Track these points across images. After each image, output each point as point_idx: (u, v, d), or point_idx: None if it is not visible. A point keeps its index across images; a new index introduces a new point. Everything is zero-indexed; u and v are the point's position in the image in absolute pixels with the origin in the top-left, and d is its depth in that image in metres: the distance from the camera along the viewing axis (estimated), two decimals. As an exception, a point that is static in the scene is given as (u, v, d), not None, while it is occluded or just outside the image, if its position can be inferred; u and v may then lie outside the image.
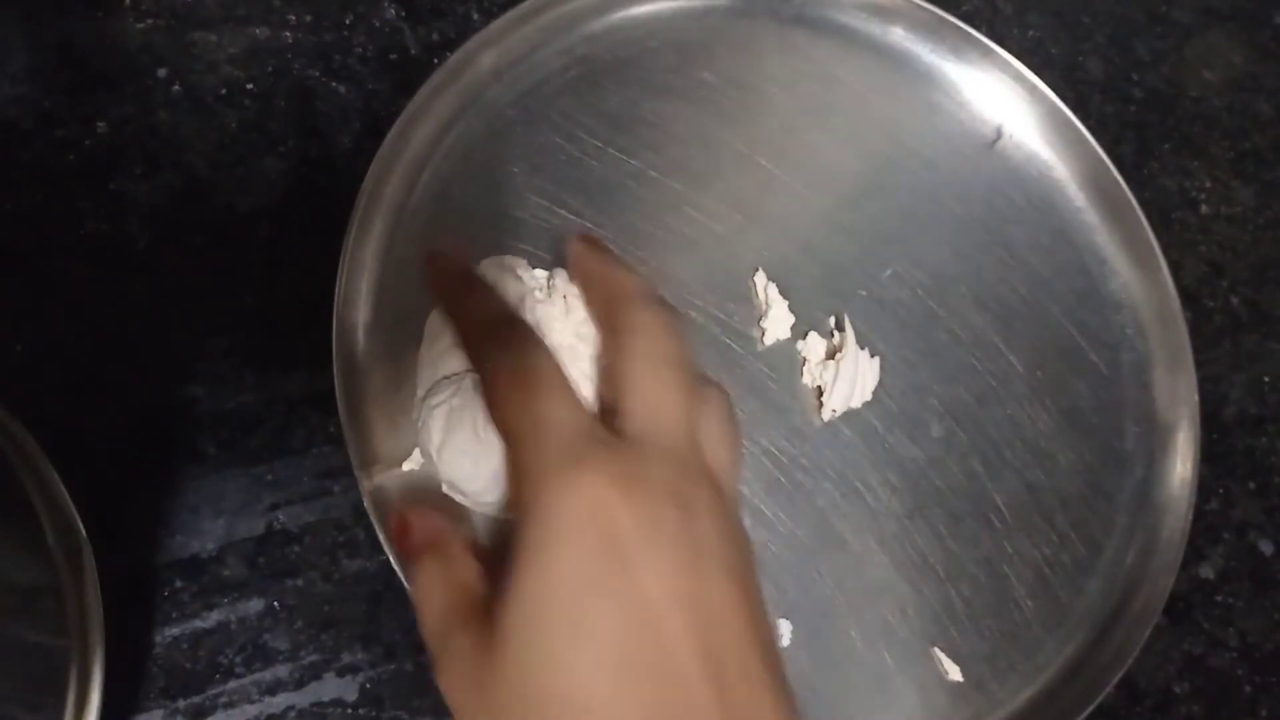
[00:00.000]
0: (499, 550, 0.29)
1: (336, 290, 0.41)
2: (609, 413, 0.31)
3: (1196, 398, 0.47)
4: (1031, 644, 0.44)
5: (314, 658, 0.41)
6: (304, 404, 0.44)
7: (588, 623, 0.26)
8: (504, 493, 0.34)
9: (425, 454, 0.36)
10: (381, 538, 0.39)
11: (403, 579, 0.37)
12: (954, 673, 0.42)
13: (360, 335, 0.42)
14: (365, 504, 0.39)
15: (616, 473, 0.27)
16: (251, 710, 0.41)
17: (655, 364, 0.30)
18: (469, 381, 0.34)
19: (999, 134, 0.51)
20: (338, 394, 0.40)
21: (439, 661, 0.29)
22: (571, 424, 0.29)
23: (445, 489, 0.35)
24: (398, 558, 0.37)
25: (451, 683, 0.28)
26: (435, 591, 0.30)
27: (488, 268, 0.37)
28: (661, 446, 0.29)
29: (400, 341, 0.43)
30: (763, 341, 0.46)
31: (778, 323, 0.45)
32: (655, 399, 0.30)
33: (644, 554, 0.27)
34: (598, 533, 0.27)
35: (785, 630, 0.42)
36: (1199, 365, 0.49)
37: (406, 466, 0.41)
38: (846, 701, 0.41)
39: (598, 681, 0.26)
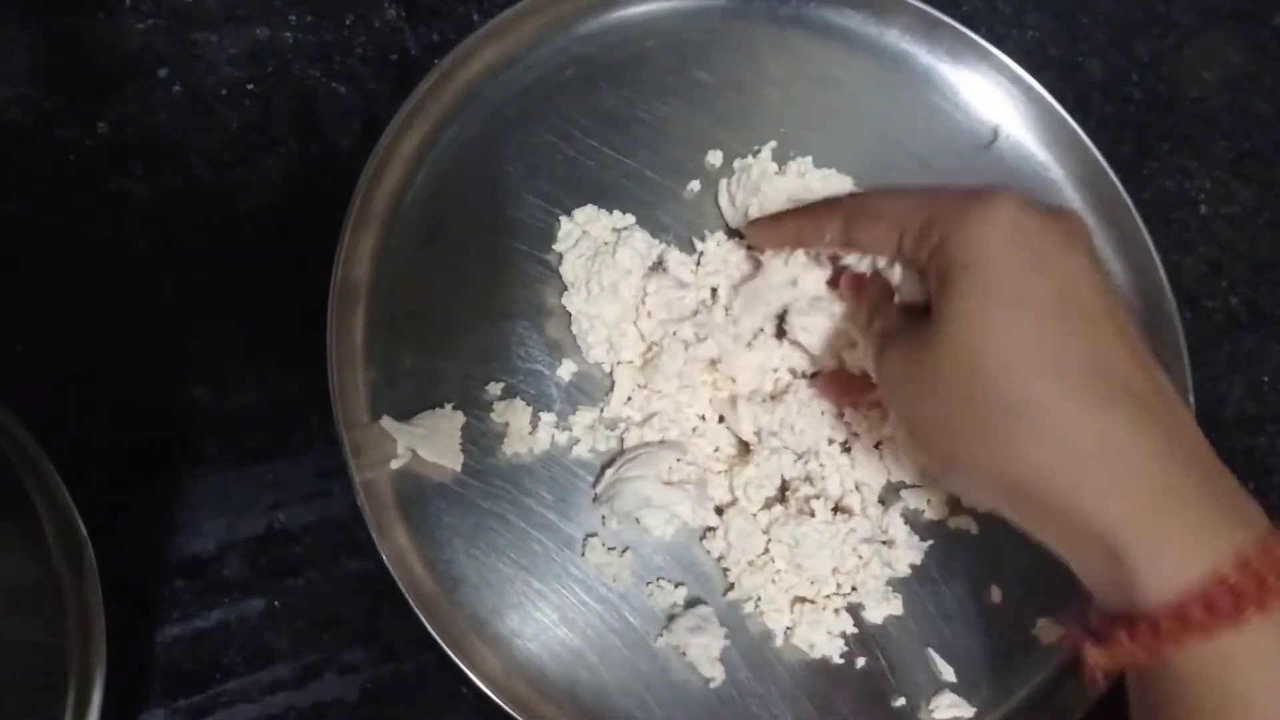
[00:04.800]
0: None
1: (331, 287, 0.41)
2: None
3: (1191, 398, 0.47)
4: (1026, 644, 0.44)
5: (314, 657, 0.42)
6: (304, 404, 0.44)
7: (1025, 296, 0.33)
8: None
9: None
10: (375, 535, 0.39)
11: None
12: (948, 673, 0.42)
13: (357, 333, 0.43)
14: (359, 501, 0.39)
15: (1018, 198, 0.34)
16: (252, 709, 0.41)
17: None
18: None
19: (995, 135, 0.51)
20: (331, 391, 0.40)
21: (880, 359, 0.37)
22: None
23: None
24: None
25: (890, 370, 0.37)
26: (872, 313, 0.39)
27: None
28: None
29: (396, 338, 0.43)
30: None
31: None
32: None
33: (1059, 250, 0.33)
34: (1018, 238, 0.33)
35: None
36: (1198, 365, 0.49)
37: (395, 465, 0.41)
38: (841, 703, 0.42)
39: (1031, 342, 0.32)
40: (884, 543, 0.43)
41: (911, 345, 0.35)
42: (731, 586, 0.42)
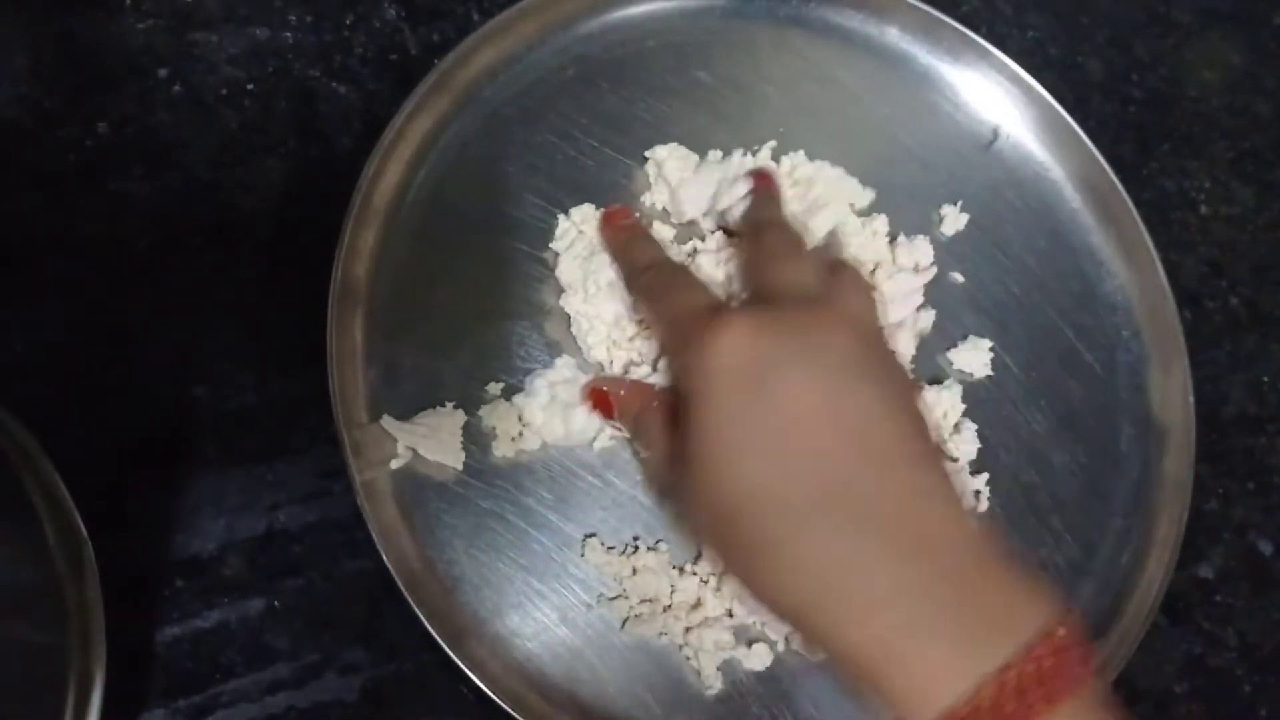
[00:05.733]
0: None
1: (331, 287, 0.41)
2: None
3: (1192, 399, 0.47)
4: (1027, 644, 0.44)
5: (314, 657, 0.42)
6: (304, 404, 0.44)
7: (744, 439, 0.32)
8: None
9: None
10: (375, 535, 0.39)
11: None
12: (949, 673, 0.42)
13: (356, 333, 0.43)
14: (359, 502, 0.39)
15: (749, 320, 0.34)
16: (252, 710, 0.41)
17: (776, 256, 0.39)
18: None
19: (995, 135, 0.51)
20: (331, 391, 0.40)
21: (646, 471, 0.41)
22: (711, 301, 0.38)
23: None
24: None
25: (654, 484, 0.40)
26: (633, 424, 0.40)
27: None
28: (790, 298, 0.36)
29: (396, 338, 0.43)
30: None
31: None
32: (781, 272, 0.38)
33: (781, 376, 0.32)
34: (739, 367, 0.33)
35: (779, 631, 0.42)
36: (1198, 365, 0.49)
37: (395, 465, 0.41)
38: (841, 703, 0.42)
39: (764, 484, 0.32)
40: None
41: (673, 474, 0.36)
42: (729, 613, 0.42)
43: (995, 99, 0.51)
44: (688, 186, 0.45)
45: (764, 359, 0.33)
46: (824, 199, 0.46)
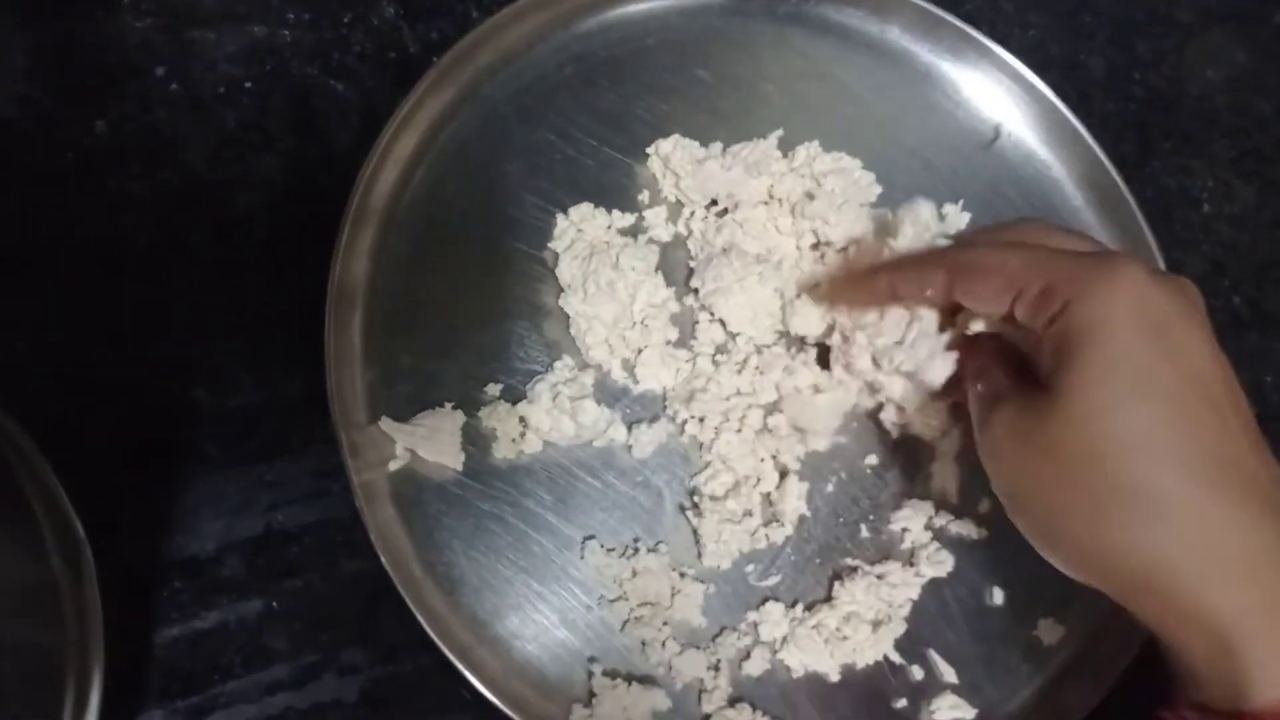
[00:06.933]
0: None
1: (329, 287, 0.41)
2: None
3: (1194, 398, 0.47)
4: (1028, 645, 0.44)
5: (313, 658, 0.42)
6: (304, 404, 0.44)
7: (1152, 381, 0.32)
8: None
9: None
10: (373, 537, 0.39)
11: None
12: (949, 675, 0.42)
13: (355, 333, 0.43)
14: (357, 503, 0.39)
15: (1146, 269, 0.33)
16: (250, 710, 0.41)
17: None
18: None
19: (997, 133, 0.51)
20: (330, 392, 0.40)
21: (984, 424, 0.36)
22: (1088, 245, 0.36)
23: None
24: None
25: (995, 437, 0.36)
26: (983, 376, 0.38)
27: None
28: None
29: (394, 338, 0.43)
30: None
31: None
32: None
33: (1185, 332, 0.33)
34: (1145, 314, 0.32)
35: (780, 631, 0.42)
36: (1199, 365, 0.49)
37: (393, 466, 0.41)
38: (841, 706, 0.42)
39: (1159, 428, 0.32)
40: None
41: (1022, 415, 0.34)
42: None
43: (997, 97, 0.51)
44: (697, 173, 0.45)
45: (1163, 309, 0.33)
46: (841, 195, 0.46)
